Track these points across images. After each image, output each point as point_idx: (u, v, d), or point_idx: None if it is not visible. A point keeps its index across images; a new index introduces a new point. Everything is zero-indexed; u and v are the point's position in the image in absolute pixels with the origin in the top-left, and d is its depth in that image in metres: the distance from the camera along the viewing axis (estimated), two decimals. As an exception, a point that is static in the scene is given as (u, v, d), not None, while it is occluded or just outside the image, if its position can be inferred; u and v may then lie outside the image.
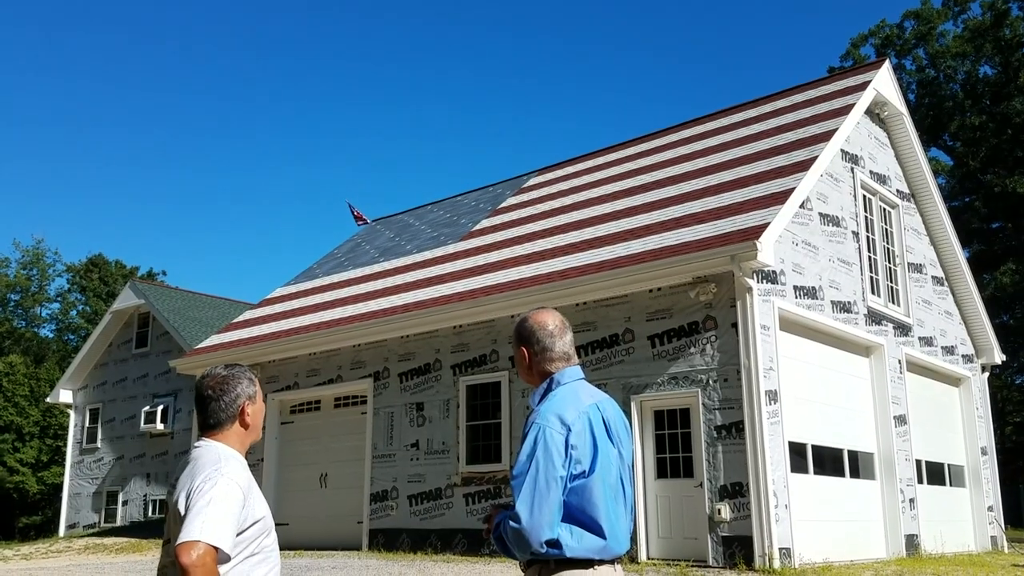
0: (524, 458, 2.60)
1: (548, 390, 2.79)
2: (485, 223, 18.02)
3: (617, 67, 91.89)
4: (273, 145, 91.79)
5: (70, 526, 25.23)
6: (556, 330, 2.85)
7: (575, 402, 2.71)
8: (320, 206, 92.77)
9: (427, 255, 17.52)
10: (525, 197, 18.75)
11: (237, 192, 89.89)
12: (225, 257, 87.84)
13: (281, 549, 3.05)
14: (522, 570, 2.75)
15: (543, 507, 2.53)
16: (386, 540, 13.69)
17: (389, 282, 16.76)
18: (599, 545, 2.59)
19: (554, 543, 2.55)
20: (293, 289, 19.83)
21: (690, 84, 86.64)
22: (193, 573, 2.35)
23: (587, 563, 2.60)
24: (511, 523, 2.56)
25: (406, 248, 18.91)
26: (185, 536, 2.41)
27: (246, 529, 2.58)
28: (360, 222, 24.27)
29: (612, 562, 2.66)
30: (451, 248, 17.24)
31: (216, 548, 2.41)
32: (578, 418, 2.65)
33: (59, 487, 30.09)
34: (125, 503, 24.00)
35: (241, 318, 19.53)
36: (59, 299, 50.99)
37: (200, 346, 18.87)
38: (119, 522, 23.65)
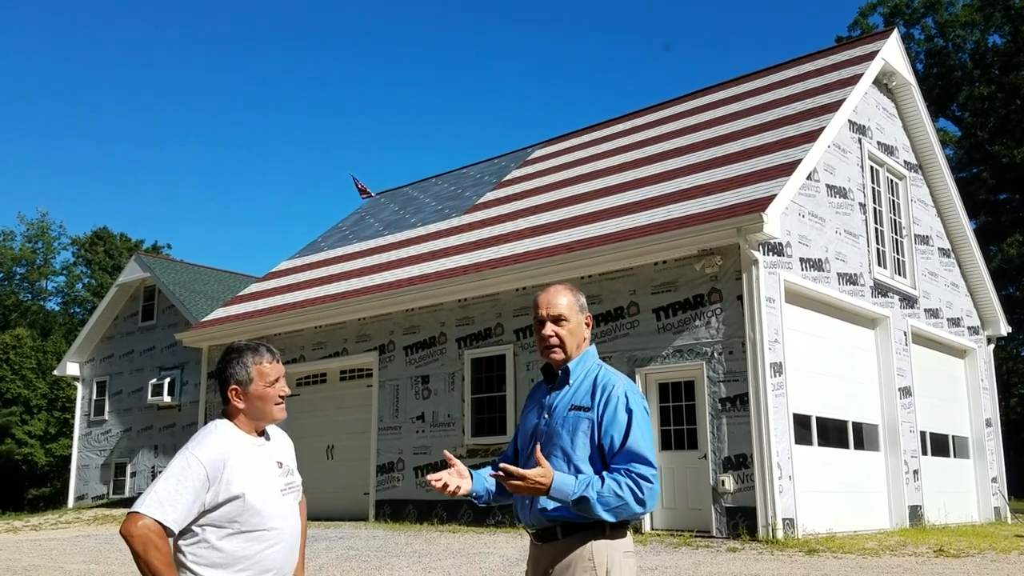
0: (636, 414, 2.67)
1: (586, 361, 2.85)
2: (490, 196, 17.96)
3: (624, 37, 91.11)
4: (278, 118, 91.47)
5: (79, 497, 25.46)
6: None
7: (630, 380, 2.86)
8: (324, 179, 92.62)
9: (432, 228, 17.49)
10: (530, 169, 18.67)
11: (241, 165, 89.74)
12: (229, 230, 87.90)
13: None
14: (541, 540, 2.73)
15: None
16: (392, 511, 13.80)
17: (394, 255, 16.74)
18: None
19: None
20: (298, 262, 19.83)
21: (697, 54, 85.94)
22: (130, 543, 2.45)
23: (630, 527, 2.73)
24: (649, 476, 2.59)
25: (410, 221, 18.87)
26: (133, 507, 2.51)
27: (220, 505, 2.57)
28: (364, 195, 24.20)
29: None
30: (456, 221, 17.19)
31: (160, 522, 2.46)
32: None
33: (67, 459, 30.32)
34: (133, 475, 24.19)
35: (246, 291, 19.56)
36: (64, 272, 51.10)
37: (206, 319, 18.92)
38: (128, 493, 23.86)
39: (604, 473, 2.59)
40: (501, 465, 2.62)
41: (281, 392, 2.79)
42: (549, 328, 2.81)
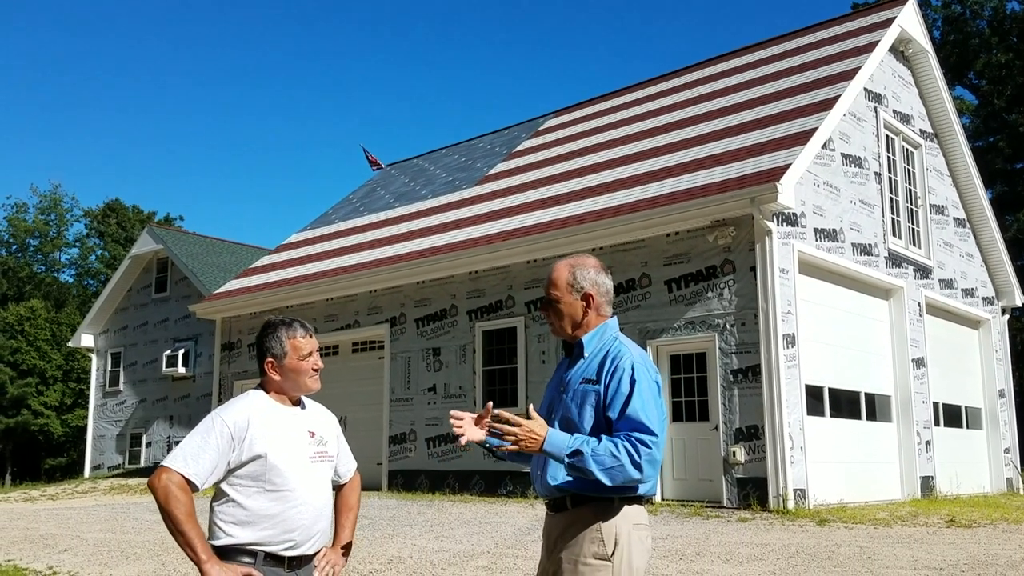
0: (640, 384, 2.62)
1: (603, 335, 2.81)
2: (501, 167, 17.87)
3: (636, 5, 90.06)
4: (288, 89, 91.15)
5: (95, 467, 25.77)
6: (608, 274, 2.90)
7: (645, 353, 2.79)
8: (335, 150, 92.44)
9: (442, 200, 17.44)
10: (541, 140, 18.56)
11: (252, 137, 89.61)
12: (241, 202, 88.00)
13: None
14: (553, 510, 2.74)
15: (664, 432, 2.62)
16: (405, 481, 13.90)
17: (404, 227, 16.72)
18: (654, 483, 2.69)
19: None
20: (309, 235, 19.83)
21: (711, 21, 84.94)
22: (155, 493, 2.66)
23: (643, 500, 2.70)
24: (648, 442, 2.53)
25: (421, 193, 18.81)
26: (162, 462, 2.73)
27: (244, 464, 2.74)
28: (375, 167, 24.13)
29: None
30: (466, 193, 17.13)
31: (183, 475, 2.66)
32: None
33: (83, 429, 30.66)
34: (149, 445, 24.44)
35: (258, 263, 19.60)
36: (77, 244, 51.36)
37: (219, 291, 18.99)
38: (143, 463, 24.13)
39: (604, 436, 2.57)
40: (496, 412, 2.64)
41: (315, 365, 2.94)
42: (544, 308, 2.88)
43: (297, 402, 2.96)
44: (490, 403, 2.86)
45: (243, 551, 2.72)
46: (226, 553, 2.70)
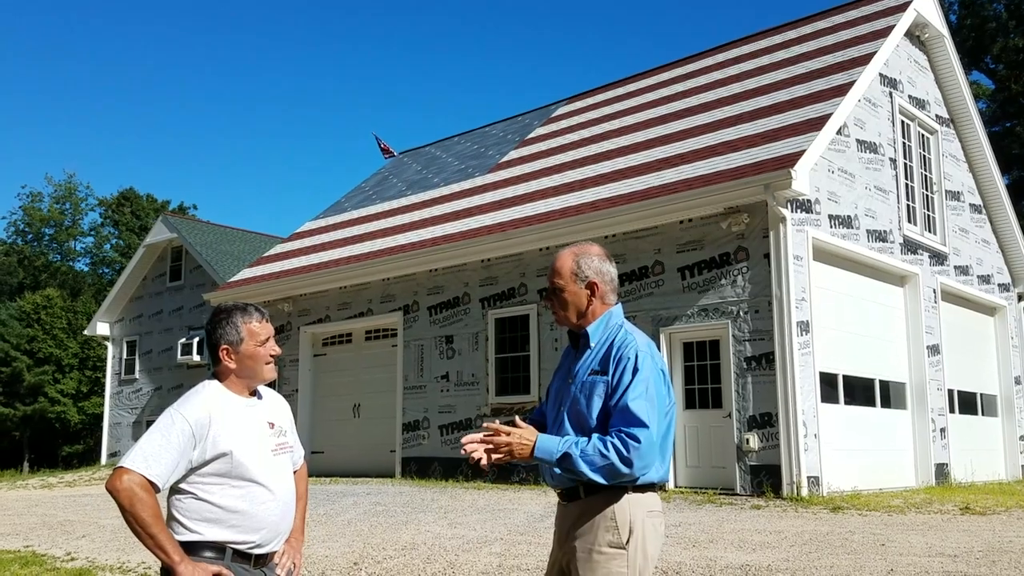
0: (641, 375, 2.61)
1: (608, 323, 2.79)
2: (513, 154, 17.84)
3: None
4: (301, 78, 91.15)
5: (111, 454, 25.98)
6: (612, 262, 2.88)
7: (650, 340, 2.78)
8: (347, 139, 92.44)
9: (455, 188, 17.43)
10: (554, 127, 18.50)
11: (265, 126, 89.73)
12: (254, 191, 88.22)
13: (316, 476, 3.11)
14: (566, 499, 2.74)
15: (660, 425, 2.60)
16: (418, 468, 13.96)
17: (417, 215, 16.73)
18: (666, 470, 2.70)
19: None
20: (322, 223, 19.88)
21: (726, 6, 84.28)
22: (117, 497, 2.50)
23: (657, 487, 2.70)
24: (639, 436, 2.51)
25: (433, 181, 18.81)
26: (120, 462, 2.57)
27: (208, 462, 2.63)
28: (387, 155, 24.13)
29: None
30: (479, 180, 17.12)
31: (145, 477, 2.52)
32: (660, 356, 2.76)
33: (99, 417, 30.90)
34: (164, 432, 24.58)
35: (272, 252, 19.66)
36: (92, 233, 51.68)
37: (233, 279, 19.08)
38: (159, 451, 24.27)
39: (595, 435, 2.58)
40: (486, 424, 2.66)
41: (272, 352, 2.81)
42: (549, 298, 2.86)
43: (253, 392, 2.83)
44: (486, 423, 2.86)
45: (209, 546, 2.63)
46: (191, 549, 2.60)
